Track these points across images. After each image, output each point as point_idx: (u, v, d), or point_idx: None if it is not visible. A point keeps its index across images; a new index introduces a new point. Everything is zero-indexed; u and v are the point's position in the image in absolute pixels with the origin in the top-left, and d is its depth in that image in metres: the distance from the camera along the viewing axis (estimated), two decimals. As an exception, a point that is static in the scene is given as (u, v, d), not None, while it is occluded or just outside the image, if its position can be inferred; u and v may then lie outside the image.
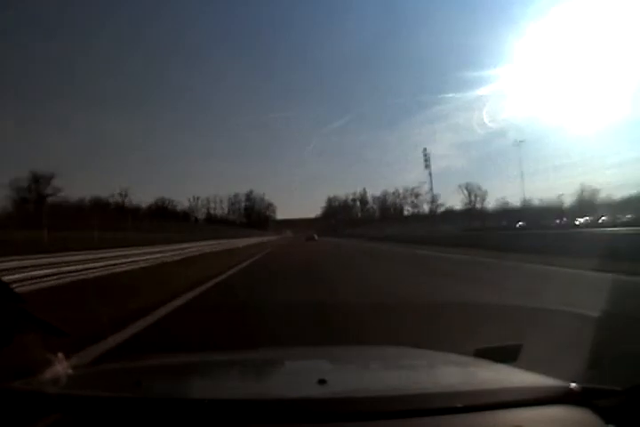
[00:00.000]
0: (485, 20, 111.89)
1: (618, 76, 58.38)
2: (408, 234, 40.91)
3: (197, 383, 1.37)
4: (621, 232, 13.63)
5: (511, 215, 59.10)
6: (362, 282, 9.26)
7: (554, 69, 70.86)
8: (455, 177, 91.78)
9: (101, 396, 1.03)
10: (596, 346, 2.81)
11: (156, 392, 1.15)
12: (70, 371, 1.20)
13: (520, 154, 59.13)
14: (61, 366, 1.18)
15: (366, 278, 10.08)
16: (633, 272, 7.78)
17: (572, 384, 1.03)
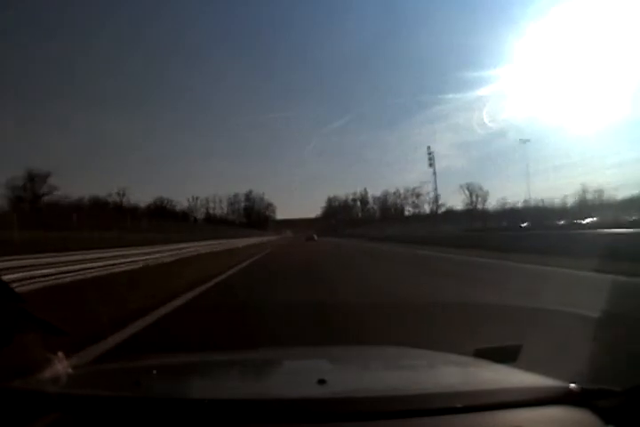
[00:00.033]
0: (485, 20, 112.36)
1: (618, 76, 58.53)
2: (409, 234, 40.81)
3: (197, 383, 1.37)
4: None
5: (513, 216, 58.84)
6: (362, 282, 9.25)
7: (554, 70, 71.09)
8: (455, 177, 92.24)
9: (101, 395, 1.03)
10: (595, 346, 2.82)
11: (155, 392, 1.15)
12: (70, 370, 1.20)
13: (525, 153, 58.90)
14: (61, 365, 1.18)
15: (366, 279, 10.06)
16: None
17: (572, 385, 1.02)
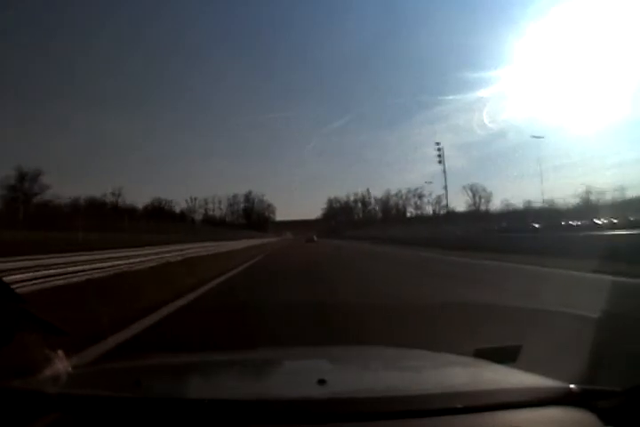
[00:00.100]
0: (485, 21, 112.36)
1: (618, 76, 58.30)
2: (412, 236, 40.52)
3: (197, 383, 1.37)
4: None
5: (517, 217, 58.20)
6: (362, 288, 8.95)
7: (554, 70, 71.05)
8: (456, 178, 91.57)
9: (101, 395, 1.03)
10: (595, 347, 2.81)
11: (155, 392, 1.15)
12: (70, 370, 1.20)
13: (538, 150, 58.17)
14: (61, 365, 1.18)
15: (368, 282, 9.85)
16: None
17: (572, 385, 1.03)
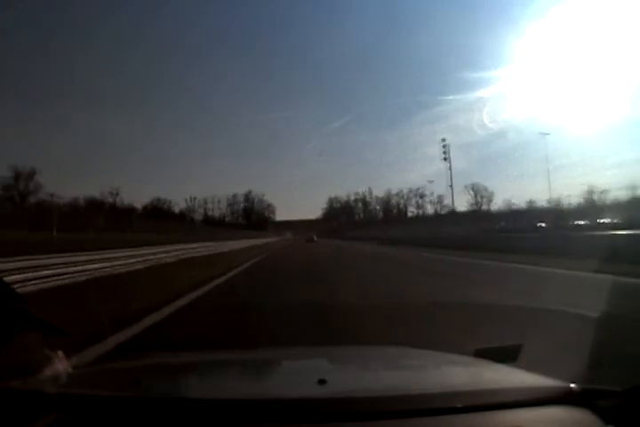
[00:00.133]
0: (485, 21, 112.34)
1: (618, 76, 58.27)
2: (414, 236, 40.26)
3: (197, 383, 1.37)
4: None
5: (520, 216, 58.00)
6: (362, 288, 8.84)
7: (554, 70, 70.88)
8: (456, 178, 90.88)
9: (101, 395, 1.03)
10: (595, 347, 2.81)
11: (155, 392, 1.15)
12: (70, 370, 1.20)
13: (545, 147, 57.21)
14: (61, 365, 1.17)
15: (368, 282, 9.76)
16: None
17: (572, 385, 1.03)
